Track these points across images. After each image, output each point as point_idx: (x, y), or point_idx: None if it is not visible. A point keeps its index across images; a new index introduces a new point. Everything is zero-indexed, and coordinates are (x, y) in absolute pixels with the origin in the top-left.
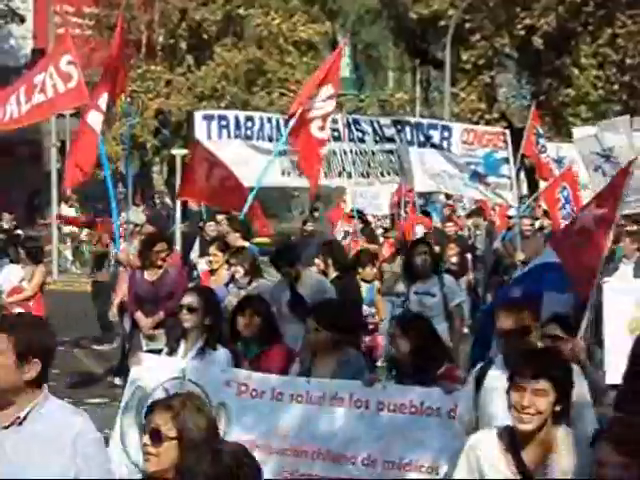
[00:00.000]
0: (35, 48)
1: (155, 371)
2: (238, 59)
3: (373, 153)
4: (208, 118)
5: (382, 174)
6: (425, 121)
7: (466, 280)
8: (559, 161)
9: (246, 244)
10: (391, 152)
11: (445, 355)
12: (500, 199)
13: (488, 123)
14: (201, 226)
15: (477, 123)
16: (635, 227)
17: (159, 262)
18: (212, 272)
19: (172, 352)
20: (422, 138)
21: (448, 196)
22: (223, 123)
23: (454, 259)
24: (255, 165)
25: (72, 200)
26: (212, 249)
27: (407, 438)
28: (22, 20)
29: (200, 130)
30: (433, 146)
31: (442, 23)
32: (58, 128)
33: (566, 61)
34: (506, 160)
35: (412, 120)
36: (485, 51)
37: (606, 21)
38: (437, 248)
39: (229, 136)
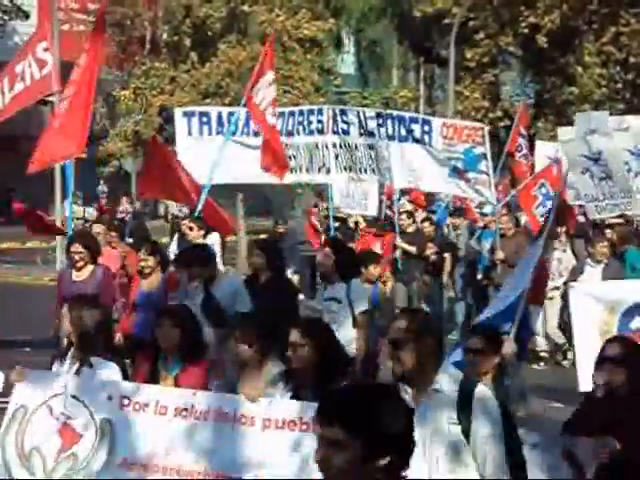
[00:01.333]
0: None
1: (38, 387)
2: (242, 56)
3: (356, 147)
4: (188, 115)
5: (361, 170)
6: (407, 114)
7: (445, 279)
8: (557, 161)
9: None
10: (371, 147)
11: (345, 366)
12: (480, 196)
13: (491, 121)
14: (178, 222)
15: (481, 121)
16: (608, 230)
17: (78, 263)
18: (142, 275)
19: (59, 362)
20: (404, 132)
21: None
22: (204, 119)
23: (432, 258)
24: (241, 161)
25: (76, 196)
26: (142, 252)
27: (296, 458)
28: (26, 16)
29: (180, 127)
30: (415, 140)
31: (446, 21)
32: None
33: (570, 59)
34: (484, 156)
35: (394, 113)
36: (489, 49)
37: (610, 19)
38: (414, 248)
39: (210, 133)
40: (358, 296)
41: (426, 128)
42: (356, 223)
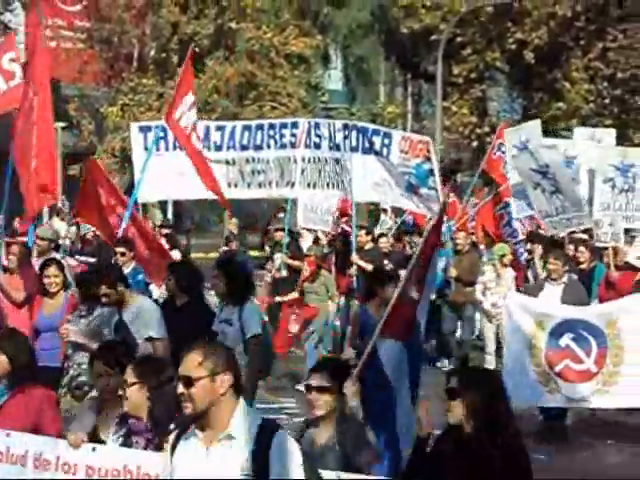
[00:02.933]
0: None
1: None
2: (229, 72)
3: (326, 161)
4: (144, 130)
5: (328, 185)
6: (371, 126)
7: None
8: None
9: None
10: (337, 162)
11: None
12: (430, 212)
13: (479, 137)
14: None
15: (469, 137)
16: (570, 246)
17: None
18: (47, 294)
19: None
20: (367, 144)
21: None
22: (161, 134)
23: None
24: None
25: (63, 213)
26: (51, 269)
27: None
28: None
29: (136, 143)
30: (375, 153)
31: (433, 37)
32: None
33: (557, 75)
34: (432, 172)
35: (359, 124)
36: (476, 65)
37: (597, 35)
38: (370, 266)
39: (167, 148)
40: (250, 320)
41: (386, 141)
42: (316, 239)
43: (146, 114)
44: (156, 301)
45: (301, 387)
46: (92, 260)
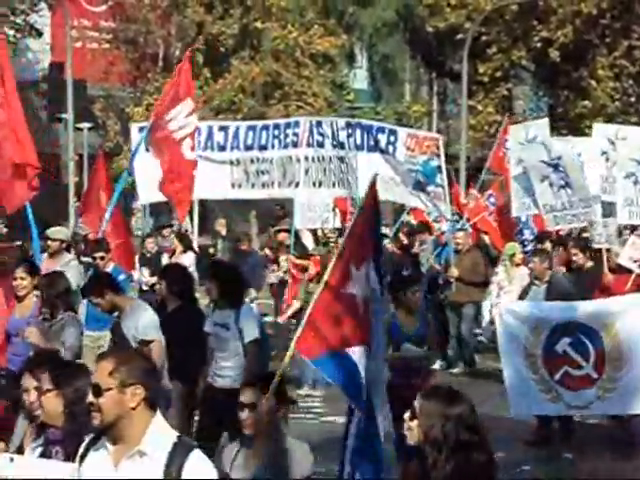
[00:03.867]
0: (52, 62)
1: None
2: (255, 72)
3: (330, 159)
4: (145, 130)
5: (334, 184)
6: (375, 124)
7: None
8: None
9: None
10: (342, 160)
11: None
12: (437, 210)
13: None
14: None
15: (494, 135)
16: (547, 244)
17: None
18: (18, 298)
19: None
20: (372, 142)
21: None
22: None
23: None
24: (206, 176)
25: None
26: (18, 271)
27: None
28: (39, 34)
29: (137, 143)
30: (381, 151)
31: (459, 36)
32: (76, 142)
33: (583, 73)
34: (440, 169)
35: (363, 122)
36: (502, 63)
37: (623, 33)
38: None
39: None
40: (247, 324)
41: (392, 139)
42: (315, 237)
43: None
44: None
45: (302, 392)
46: None
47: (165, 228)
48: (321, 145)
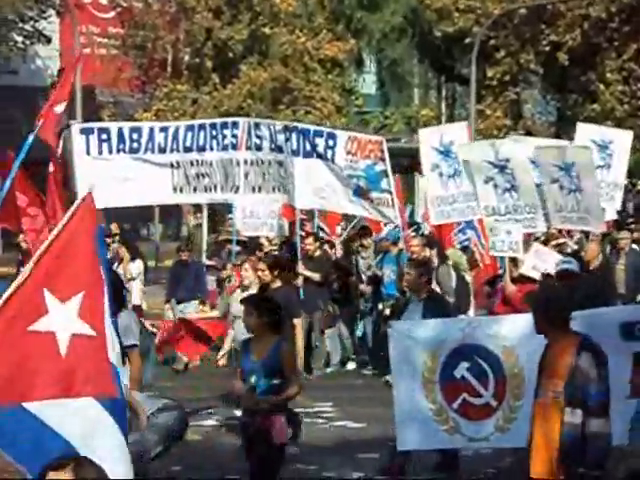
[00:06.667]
0: (61, 68)
1: None
2: (263, 77)
3: (269, 163)
4: (86, 132)
5: (273, 189)
6: (312, 127)
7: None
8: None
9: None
10: (281, 164)
11: None
12: (383, 218)
13: None
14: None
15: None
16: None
17: None
18: None
19: None
20: (308, 147)
21: None
22: (104, 137)
23: (335, 285)
24: (148, 180)
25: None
26: None
27: None
28: (48, 41)
29: (78, 146)
30: (318, 156)
31: (467, 40)
32: None
33: (591, 76)
34: (385, 173)
35: (299, 126)
36: (510, 67)
37: (631, 36)
38: (318, 275)
39: (111, 151)
40: (125, 329)
41: (330, 143)
42: (259, 245)
43: (180, 120)
44: None
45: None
46: None
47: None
48: (259, 148)
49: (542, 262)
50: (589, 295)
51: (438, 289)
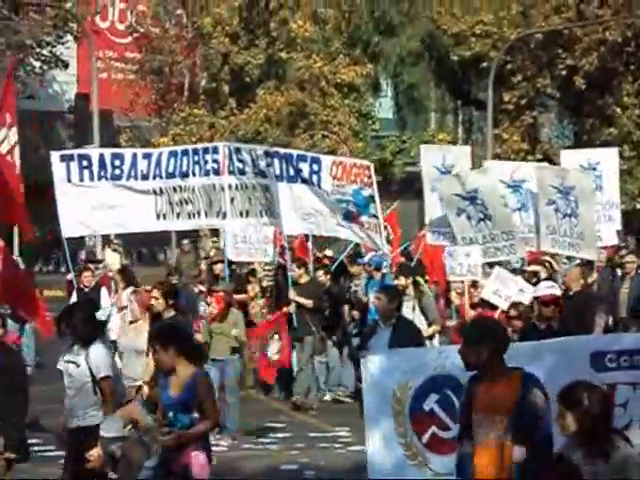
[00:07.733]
0: (78, 93)
1: None
2: (280, 102)
3: (254, 187)
4: (67, 159)
5: (260, 213)
6: (295, 152)
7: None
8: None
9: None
10: (267, 189)
11: None
12: (373, 243)
13: None
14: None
15: None
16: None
17: None
18: None
19: None
20: (292, 172)
21: None
22: (84, 163)
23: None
24: (130, 207)
25: (115, 244)
26: None
27: None
28: (66, 66)
29: (58, 173)
30: (303, 181)
31: (484, 65)
32: None
33: (608, 100)
34: (372, 198)
35: (281, 151)
36: (527, 92)
37: None
38: (310, 302)
39: (92, 178)
40: (98, 362)
41: (315, 167)
42: (252, 271)
43: (198, 144)
44: None
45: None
46: None
47: (94, 262)
48: (242, 172)
49: (504, 287)
50: (568, 322)
51: (422, 318)
